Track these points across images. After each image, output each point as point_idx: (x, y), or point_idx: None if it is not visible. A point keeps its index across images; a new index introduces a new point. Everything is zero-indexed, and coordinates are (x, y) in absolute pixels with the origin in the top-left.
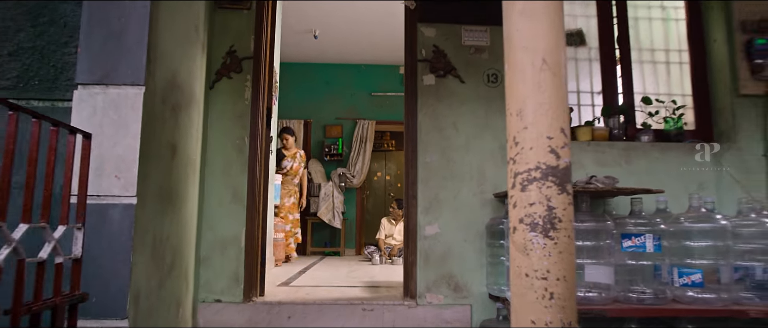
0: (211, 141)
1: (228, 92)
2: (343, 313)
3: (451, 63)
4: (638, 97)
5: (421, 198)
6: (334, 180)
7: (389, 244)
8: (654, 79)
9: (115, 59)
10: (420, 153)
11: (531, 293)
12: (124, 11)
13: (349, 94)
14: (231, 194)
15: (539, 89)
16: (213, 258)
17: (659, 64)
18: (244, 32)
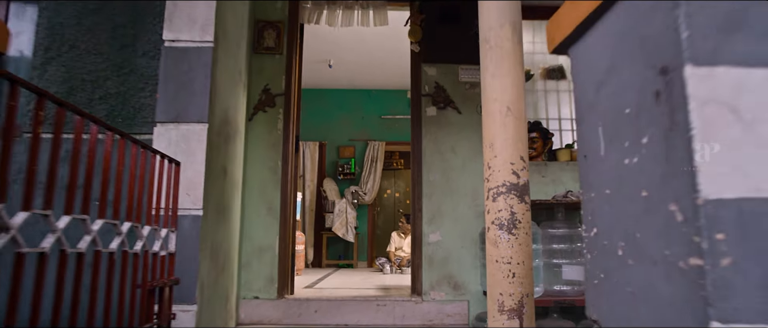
0: (250, 164)
1: (264, 123)
2: (360, 308)
3: (449, 97)
4: None
5: (425, 211)
6: (347, 197)
7: (399, 256)
8: None
9: (185, 103)
10: (424, 173)
11: (499, 274)
12: (191, 65)
13: (360, 117)
14: (266, 209)
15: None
16: (252, 262)
17: None
18: (277, 73)
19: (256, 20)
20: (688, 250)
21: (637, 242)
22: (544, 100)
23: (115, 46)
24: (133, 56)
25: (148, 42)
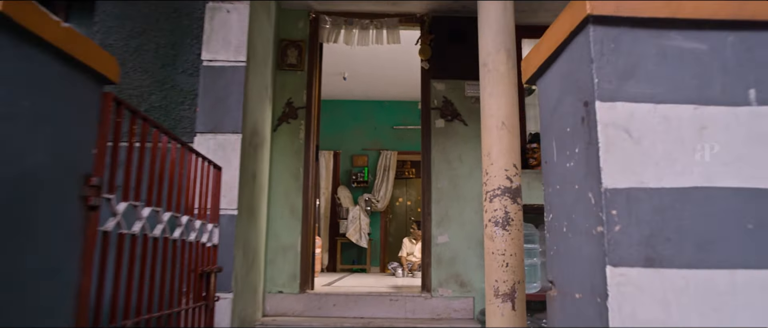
0: (275, 171)
1: (287, 134)
2: (374, 302)
3: (456, 110)
4: None
5: (434, 215)
6: (360, 205)
7: (410, 260)
8: None
9: (221, 116)
10: (433, 180)
11: (495, 264)
12: (227, 82)
13: (373, 127)
14: (289, 211)
15: (500, 141)
16: (276, 260)
17: None
18: (299, 88)
19: (280, 39)
20: (596, 222)
21: (573, 220)
22: None
23: (158, 64)
24: (174, 73)
25: (186, 61)
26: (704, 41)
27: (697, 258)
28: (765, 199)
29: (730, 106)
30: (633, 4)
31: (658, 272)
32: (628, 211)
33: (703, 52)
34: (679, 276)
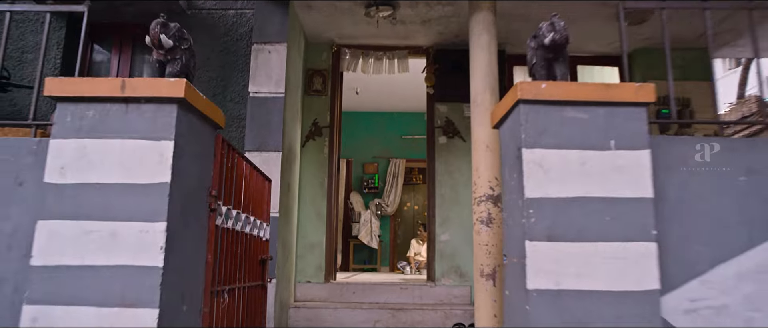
0: (303, 180)
1: (313, 149)
2: (388, 290)
3: (456, 128)
4: None
5: (437, 217)
6: (371, 209)
7: (417, 260)
8: None
9: (265, 137)
10: (437, 187)
11: (480, 252)
12: (269, 109)
13: (383, 137)
14: (316, 215)
15: (485, 159)
16: (305, 255)
17: None
18: (323, 110)
19: (307, 69)
20: (521, 216)
21: (513, 215)
22: None
23: (210, 94)
24: (224, 101)
25: (233, 91)
26: (586, 113)
27: (576, 236)
28: (618, 203)
29: (600, 150)
30: (544, 92)
31: (554, 244)
32: (538, 210)
33: (585, 119)
34: (566, 246)
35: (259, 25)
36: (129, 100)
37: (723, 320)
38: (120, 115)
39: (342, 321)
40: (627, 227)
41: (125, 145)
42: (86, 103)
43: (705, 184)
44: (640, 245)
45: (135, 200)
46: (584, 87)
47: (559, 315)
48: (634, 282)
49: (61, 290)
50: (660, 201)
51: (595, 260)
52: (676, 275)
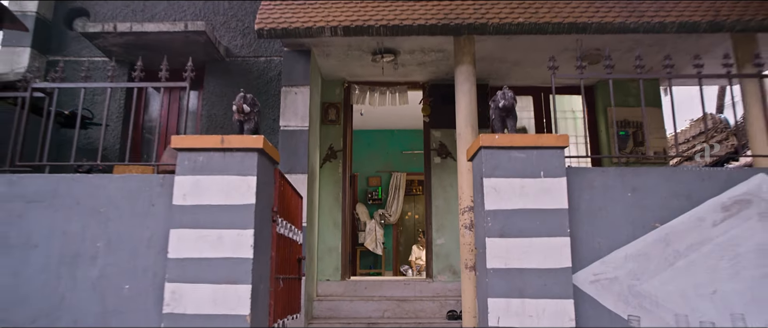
0: (322, 195)
1: (330, 169)
2: (393, 286)
3: (448, 150)
4: None
5: (434, 224)
6: (375, 219)
7: (418, 263)
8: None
9: (294, 163)
10: (433, 199)
11: (465, 250)
12: (296, 140)
13: (385, 152)
14: (332, 223)
15: (467, 180)
16: (324, 257)
17: (571, 145)
18: (337, 136)
19: (323, 102)
20: (484, 221)
21: (479, 223)
22: None
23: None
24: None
25: (266, 124)
26: (524, 154)
27: (518, 233)
28: (545, 212)
29: (533, 178)
30: (497, 141)
31: (504, 239)
32: (494, 217)
33: (523, 158)
34: (512, 240)
35: (286, 71)
36: (225, 149)
37: (614, 287)
38: (220, 159)
39: (357, 311)
40: (550, 227)
41: (224, 179)
42: (198, 152)
43: (604, 198)
44: (558, 239)
45: (233, 215)
46: (523, 137)
47: (507, 284)
48: (554, 262)
49: (188, 273)
50: (574, 210)
51: (530, 248)
52: (585, 258)
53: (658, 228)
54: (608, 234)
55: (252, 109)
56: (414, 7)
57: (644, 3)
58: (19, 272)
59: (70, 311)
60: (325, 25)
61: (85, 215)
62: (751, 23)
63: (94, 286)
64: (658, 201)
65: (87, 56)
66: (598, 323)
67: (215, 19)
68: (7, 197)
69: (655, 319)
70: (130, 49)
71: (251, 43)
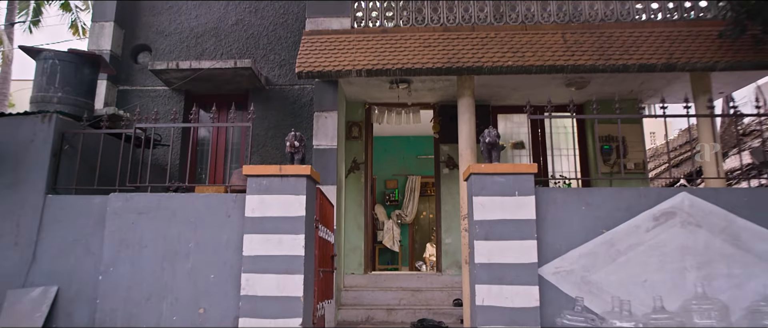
0: (347, 201)
1: (353, 179)
2: (408, 278)
3: (455, 162)
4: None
5: (442, 226)
6: (393, 218)
7: (432, 260)
8: (560, 164)
9: (325, 175)
10: (442, 204)
11: (464, 248)
12: (327, 158)
13: (401, 157)
14: (356, 226)
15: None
16: (350, 255)
17: (563, 156)
18: (359, 150)
19: (347, 121)
20: (473, 229)
21: (470, 229)
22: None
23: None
24: None
25: None
26: (504, 178)
27: (498, 237)
28: (518, 222)
29: (510, 196)
30: (483, 169)
31: (488, 242)
32: (480, 226)
33: (503, 181)
34: (494, 242)
35: (318, 99)
36: (283, 175)
37: (570, 277)
38: (279, 183)
39: (377, 299)
40: (522, 233)
41: (282, 198)
42: (262, 177)
43: (564, 211)
44: (528, 242)
45: (289, 224)
46: (503, 166)
47: (489, 275)
48: (524, 259)
49: (258, 266)
50: (541, 220)
51: (507, 249)
52: (548, 255)
53: (605, 233)
54: (566, 238)
55: (300, 143)
56: (423, 52)
57: (612, 48)
58: (135, 264)
59: (172, 292)
60: (352, 69)
61: (180, 224)
62: (697, 65)
63: (188, 275)
64: (605, 213)
65: (150, 85)
66: (557, 303)
67: (256, 52)
68: (124, 209)
69: (598, 300)
70: (187, 81)
71: (287, 73)
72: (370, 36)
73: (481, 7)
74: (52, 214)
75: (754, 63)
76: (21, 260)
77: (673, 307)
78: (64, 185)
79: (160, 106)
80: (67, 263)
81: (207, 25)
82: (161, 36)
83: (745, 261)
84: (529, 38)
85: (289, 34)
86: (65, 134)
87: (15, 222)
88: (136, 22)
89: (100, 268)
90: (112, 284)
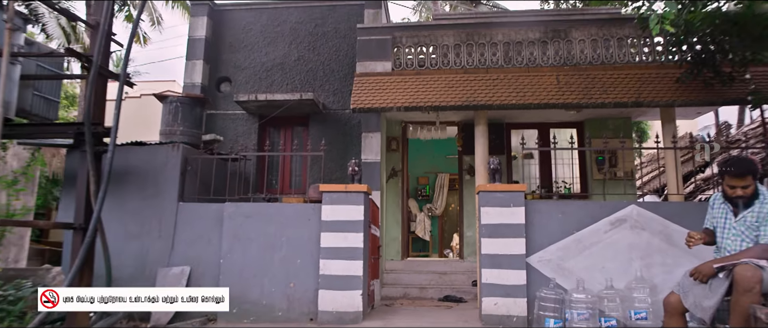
0: (387, 202)
1: (393, 184)
2: (436, 264)
3: (475, 171)
4: (553, 179)
5: (465, 222)
6: (424, 211)
7: (457, 248)
8: (562, 171)
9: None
10: (464, 205)
11: None
12: (373, 170)
13: (432, 156)
14: (395, 222)
15: None
16: (390, 244)
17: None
18: (397, 160)
19: (387, 137)
20: (480, 230)
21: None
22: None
23: (338, 161)
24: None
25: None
26: (503, 194)
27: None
28: (512, 225)
29: (507, 207)
30: (488, 188)
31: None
32: (485, 228)
33: (502, 196)
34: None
35: (364, 122)
36: (348, 192)
37: (550, 264)
38: (345, 196)
39: (412, 280)
40: (515, 233)
41: (348, 207)
42: (334, 193)
43: (546, 218)
44: (519, 239)
45: (352, 225)
46: (502, 186)
47: (491, 262)
48: (516, 251)
49: (331, 255)
50: (529, 224)
51: (504, 244)
52: (534, 249)
53: (575, 234)
54: (547, 236)
55: (359, 168)
56: (448, 91)
57: (594, 88)
58: (245, 252)
59: (270, 272)
60: (393, 105)
61: (275, 224)
62: (660, 103)
63: (281, 261)
64: (576, 219)
65: (231, 110)
66: (538, 282)
67: (314, 82)
68: (235, 214)
69: (567, 281)
70: (262, 107)
71: (339, 100)
72: (406, 77)
73: (493, 52)
74: (183, 216)
75: (704, 101)
76: (164, 247)
77: (620, 286)
78: (187, 195)
79: (239, 126)
80: (196, 251)
81: (275, 60)
82: (238, 69)
83: (675, 254)
84: (530, 79)
85: (340, 68)
86: (188, 158)
87: (158, 221)
88: (218, 59)
89: (220, 255)
90: (229, 266)
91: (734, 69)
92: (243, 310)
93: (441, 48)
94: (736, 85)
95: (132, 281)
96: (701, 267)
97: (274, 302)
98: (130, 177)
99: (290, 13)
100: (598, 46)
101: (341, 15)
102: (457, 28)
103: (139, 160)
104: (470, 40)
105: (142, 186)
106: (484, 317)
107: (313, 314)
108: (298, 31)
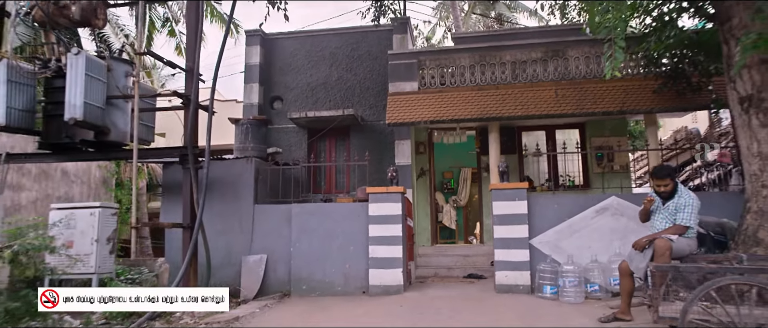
0: (418, 197)
1: (422, 182)
2: (461, 248)
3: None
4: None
5: (483, 211)
6: (449, 203)
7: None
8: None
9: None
10: (483, 197)
11: None
12: (405, 172)
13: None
14: (424, 214)
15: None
16: (421, 233)
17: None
18: (425, 161)
19: (415, 141)
20: (494, 218)
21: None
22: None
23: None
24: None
25: (386, 161)
26: (510, 191)
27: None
28: (517, 215)
29: (512, 201)
30: (498, 186)
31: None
32: (498, 217)
33: (510, 192)
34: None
35: (397, 131)
36: (388, 193)
37: (548, 244)
38: (385, 196)
39: (440, 262)
40: (519, 220)
41: (389, 204)
42: (377, 194)
43: (544, 208)
44: (523, 226)
45: (393, 219)
46: (510, 185)
47: (502, 245)
48: (521, 235)
49: (378, 242)
50: (531, 214)
51: (511, 229)
52: (535, 232)
53: (567, 220)
54: (546, 223)
55: (396, 173)
56: (464, 106)
57: (586, 100)
58: (310, 242)
59: (329, 257)
60: (420, 120)
61: (332, 220)
62: (641, 110)
63: (338, 249)
64: (568, 209)
65: (284, 124)
66: (538, 258)
67: (352, 98)
68: (301, 212)
69: (561, 256)
70: (310, 121)
71: (374, 113)
72: (430, 95)
73: (502, 71)
74: (258, 215)
75: (677, 107)
76: (245, 240)
77: (603, 260)
78: (260, 198)
79: (291, 137)
80: (270, 242)
81: (318, 81)
82: (288, 89)
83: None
84: (533, 93)
85: (374, 86)
86: (259, 169)
87: (239, 220)
88: (271, 81)
89: (290, 244)
90: (298, 253)
91: (701, 80)
92: (310, 287)
93: (458, 68)
94: (704, 94)
95: (222, 267)
96: (638, 240)
97: (334, 279)
98: (215, 186)
99: (330, 40)
100: (590, 62)
101: (373, 40)
102: (471, 51)
103: (221, 173)
104: (483, 60)
105: (224, 192)
106: (498, 286)
107: (364, 288)
108: (337, 55)
